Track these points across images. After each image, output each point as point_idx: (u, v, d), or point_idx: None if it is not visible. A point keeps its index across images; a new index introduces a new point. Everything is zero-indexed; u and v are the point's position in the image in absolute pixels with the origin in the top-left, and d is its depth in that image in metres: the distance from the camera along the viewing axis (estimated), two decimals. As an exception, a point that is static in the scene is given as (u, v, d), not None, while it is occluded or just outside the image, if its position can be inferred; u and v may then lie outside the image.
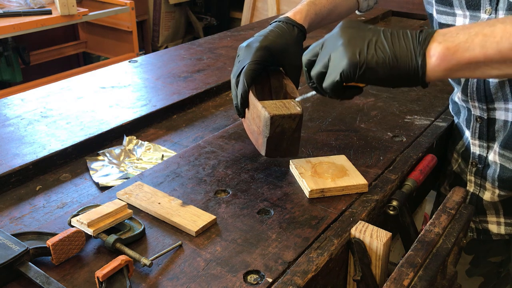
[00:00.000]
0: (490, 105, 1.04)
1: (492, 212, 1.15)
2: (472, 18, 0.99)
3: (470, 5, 0.97)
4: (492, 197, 1.12)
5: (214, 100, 1.41)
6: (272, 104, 0.92)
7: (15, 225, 0.88)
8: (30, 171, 1.02)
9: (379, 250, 0.82)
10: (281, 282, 0.72)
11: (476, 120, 1.09)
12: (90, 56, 3.88)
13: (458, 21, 1.02)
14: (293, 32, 1.04)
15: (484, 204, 1.14)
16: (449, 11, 1.03)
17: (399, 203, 0.93)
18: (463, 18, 1.00)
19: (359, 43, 0.77)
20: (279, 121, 0.89)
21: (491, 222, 1.16)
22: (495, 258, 1.23)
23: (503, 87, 0.99)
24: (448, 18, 1.04)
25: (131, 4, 3.24)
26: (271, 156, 0.96)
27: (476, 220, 1.17)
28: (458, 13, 1.01)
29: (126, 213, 0.82)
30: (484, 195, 1.13)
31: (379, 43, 0.76)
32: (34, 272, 0.71)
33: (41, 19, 2.82)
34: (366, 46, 0.76)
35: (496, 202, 1.12)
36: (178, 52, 1.72)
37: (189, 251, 0.78)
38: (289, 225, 0.84)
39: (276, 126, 0.90)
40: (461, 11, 1.00)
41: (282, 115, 0.89)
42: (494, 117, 1.05)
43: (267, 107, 0.90)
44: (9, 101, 1.32)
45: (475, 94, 1.05)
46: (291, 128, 0.91)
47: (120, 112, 1.25)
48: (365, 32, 0.78)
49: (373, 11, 2.26)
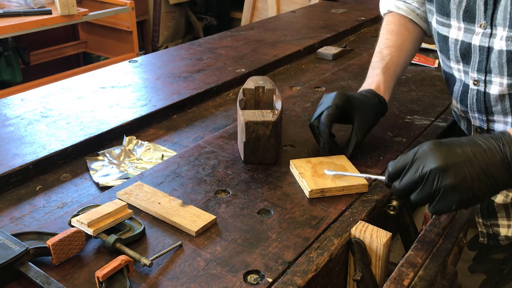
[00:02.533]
0: (490, 117, 1.04)
1: (503, 215, 1.14)
2: (466, 31, 0.98)
3: (466, 17, 0.97)
4: (505, 200, 1.12)
5: (214, 100, 1.41)
6: (251, 112, 1.01)
7: (15, 225, 0.88)
8: (30, 171, 1.02)
9: (379, 250, 0.82)
10: (281, 282, 0.72)
11: (476, 130, 1.09)
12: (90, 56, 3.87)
13: (452, 32, 1.01)
14: (374, 99, 1.07)
15: (496, 206, 1.14)
16: (445, 22, 1.02)
17: (399, 203, 0.93)
18: (457, 31, 1.00)
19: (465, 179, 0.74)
20: (253, 127, 0.98)
21: (502, 226, 1.15)
22: (498, 255, 1.22)
23: (503, 101, 0.99)
24: (444, 29, 1.03)
25: (131, 4, 3.24)
26: (249, 161, 1.03)
27: (487, 224, 1.17)
28: (453, 24, 1.00)
29: (126, 213, 0.82)
30: (496, 198, 1.13)
31: (477, 170, 0.74)
32: (34, 272, 0.71)
33: (41, 19, 2.82)
34: (471, 180, 0.74)
35: (507, 204, 1.12)
36: (178, 52, 1.72)
37: (189, 251, 0.78)
38: (289, 225, 0.84)
39: (251, 132, 0.98)
40: (456, 22, 1.00)
41: (255, 121, 0.98)
42: (493, 129, 1.05)
43: (245, 114, 0.99)
44: (9, 101, 1.32)
45: (475, 106, 1.05)
46: (266, 134, 0.99)
47: (120, 112, 1.25)
48: (461, 155, 0.76)
49: (373, 11, 2.26)
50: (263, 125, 0.97)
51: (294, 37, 1.88)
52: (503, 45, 0.92)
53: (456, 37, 1.01)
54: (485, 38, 0.95)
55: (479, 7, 0.94)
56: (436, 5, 1.04)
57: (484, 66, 0.97)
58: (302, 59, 1.74)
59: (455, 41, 1.01)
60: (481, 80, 0.99)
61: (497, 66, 0.95)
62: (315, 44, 1.82)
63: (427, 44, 1.76)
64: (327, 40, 1.89)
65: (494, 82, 0.97)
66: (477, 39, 0.96)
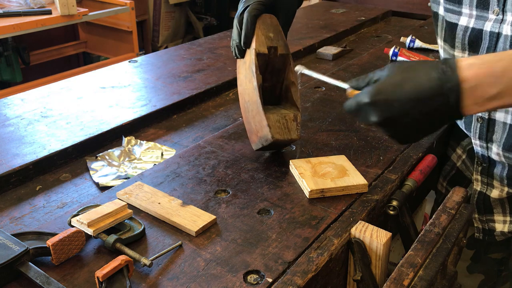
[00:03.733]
0: None
1: (499, 211, 1.15)
2: (477, 18, 0.99)
3: (480, 3, 0.98)
4: (500, 195, 1.12)
5: (214, 100, 1.41)
6: (276, 122, 0.97)
7: (15, 225, 0.88)
8: (30, 171, 1.02)
9: (379, 250, 0.82)
10: (281, 282, 0.72)
11: (477, 120, 1.09)
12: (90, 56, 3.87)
13: (462, 20, 1.02)
14: None
15: (492, 201, 1.14)
16: (455, 9, 1.03)
17: (399, 203, 0.93)
18: (468, 18, 1.01)
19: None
20: (278, 143, 0.98)
21: (498, 221, 1.16)
22: (495, 255, 1.23)
23: None
24: (453, 16, 1.04)
25: (131, 4, 3.24)
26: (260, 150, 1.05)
27: (483, 219, 1.17)
28: (464, 12, 1.01)
29: (126, 213, 0.82)
30: (491, 192, 1.14)
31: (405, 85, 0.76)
32: (34, 272, 0.71)
33: (41, 19, 2.82)
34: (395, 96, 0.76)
35: (503, 199, 1.12)
36: (178, 52, 1.72)
37: (189, 251, 0.78)
38: (289, 225, 0.84)
39: (275, 145, 1.00)
40: (468, 9, 1.00)
41: (282, 139, 0.97)
42: (494, 118, 1.05)
43: (271, 126, 0.96)
44: (9, 101, 1.32)
45: None
46: (286, 145, 1.04)
47: (120, 112, 1.25)
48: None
49: (373, 11, 2.26)
50: (288, 141, 0.99)
51: (294, 37, 1.88)
52: (509, 30, 0.93)
53: (466, 24, 1.01)
54: (496, 24, 0.96)
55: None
56: None
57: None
58: (302, 59, 1.74)
59: (465, 28, 1.01)
60: None
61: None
62: (315, 44, 1.82)
63: (427, 44, 1.76)
64: (327, 40, 1.89)
65: None
66: (489, 25, 0.97)
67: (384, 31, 2.08)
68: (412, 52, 1.66)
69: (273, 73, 1.05)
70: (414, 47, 1.79)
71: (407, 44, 1.80)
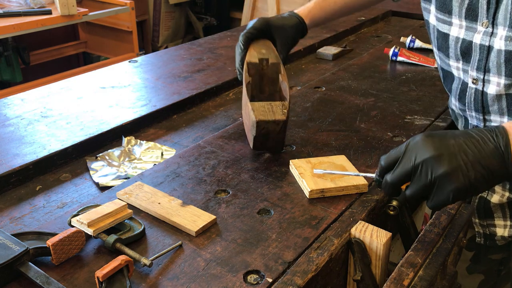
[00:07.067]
0: (486, 116, 1.04)
1: (499, 215, 1.14)
2: (467, 29, 0.98)
3: (468, 15, 0.97)
4: (500, 200, 1.12)
5: (214, 100, 1.41)
6: (261, 107, 1.00)
7: (15, 225, 0.88)
8: (30, 171, 1.02)
9: (379, 250, 0.82)
10: (281, 282, 0.72)
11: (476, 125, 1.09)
12: (90, 56, 3.87)
13: (453, 31, 1.01)
14: (293, 19, 1.22)
15: (492, 206, 1.14)
16: (446, 19, 1.02)
17: (399, 203, 0.93)
18: (459, 29, 1.00)
19: (455, 162, 0.74)
20: (264, 125, 0.97)
21: (499, 226, 1.15)
22: (495, 256, 1.22)
23: (500, 101, 0.99)
24: (444, 26, 1.03)
25: (131, 4, 3.24)
26: (258, 150, 1.07)
27: (484, 224, 1.17)
28: (454, 22, 1.00)
29: (126, 213, 0.82)
30: (492, 197, 1.13)
31: (471, 159, 0.74)
32: (34, 272, 0.71)
33: (41, 19, 2.82)
34: (466, 168, 0.74)
35: (504, 204, 1.12)
36: (178, 52, 1.72)
37: (189, 251, 0.78)
38: (289, 225, 0.84)
39: (262, 129, 0.98)
40: (458, 20, 0.99)
41: (266, 120, 0.97)
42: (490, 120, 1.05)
43: (255, 110, 0.98)
44: (9, 101, 1.32)
45: (472, 105, 1.05)
46: (275, 130, 0.99)
47: (120, 112, 1.25)
48: (455, 146, 0.76)
49: (373, 11, 2.26)
50: (274, 123, 0.97)
51: (294, 37, 1.87)
52: (502, 44, 0.92)
53: (457, 35, 1.01)
54: (486, 37, 0.95)
55: (482, 6, 0.94)
56: (436, 2, 1.04)
57: (483, 65, 0.97)
58: (302, 59, 1.74)
59: (456, 39, 1.01)
60: (480, 79, 0.99)
61: (495, 66, 0.95)
62: (315, 44, 1.82)
63: (427, 44, 1.76)
64: (327, 40, 1.89)
65: (492, 82, 0.97)
66: (479, 37, 0.96)
67: (384, 31, 2.08)
68: (412, 52, 1.67)
69: (269, 83, 1.13)
70: (414, 47, 1.79)
71: (407, 44, 1.80)
